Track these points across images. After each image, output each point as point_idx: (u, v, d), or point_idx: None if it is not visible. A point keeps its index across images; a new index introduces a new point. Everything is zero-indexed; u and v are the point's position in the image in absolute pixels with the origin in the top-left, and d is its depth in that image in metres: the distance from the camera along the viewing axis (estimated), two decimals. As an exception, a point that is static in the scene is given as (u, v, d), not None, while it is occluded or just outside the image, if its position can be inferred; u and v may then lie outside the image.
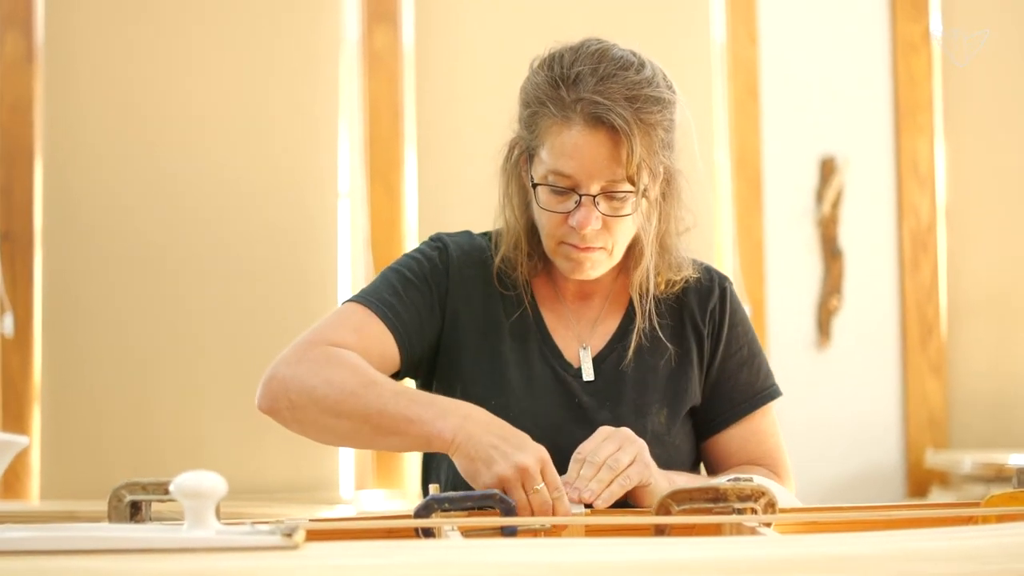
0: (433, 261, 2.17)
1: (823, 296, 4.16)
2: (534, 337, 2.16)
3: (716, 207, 4.15)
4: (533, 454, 1.79)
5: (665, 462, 2.03)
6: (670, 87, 2.07)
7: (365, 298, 2.11)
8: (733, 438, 2.20)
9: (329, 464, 3.93)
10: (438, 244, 2.20)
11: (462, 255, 2.19)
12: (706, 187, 4.13)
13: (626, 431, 1.90)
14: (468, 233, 2.25)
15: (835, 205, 4.17)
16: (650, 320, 2.15)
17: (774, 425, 2.24)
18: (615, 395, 2.13)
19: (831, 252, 4.17)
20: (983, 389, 4.24)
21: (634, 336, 2.14)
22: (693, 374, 2.17)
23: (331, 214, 3.99)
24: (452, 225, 4.02)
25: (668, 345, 2.16)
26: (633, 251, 2.14)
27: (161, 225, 3.93)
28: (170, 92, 3.97)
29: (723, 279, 2.24)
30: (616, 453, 1.85)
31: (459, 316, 2.15)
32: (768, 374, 2.24)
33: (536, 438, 1.86)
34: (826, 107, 4.21)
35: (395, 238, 4.03)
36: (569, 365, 2.15)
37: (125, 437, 3.87)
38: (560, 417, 2.10)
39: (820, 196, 4.17)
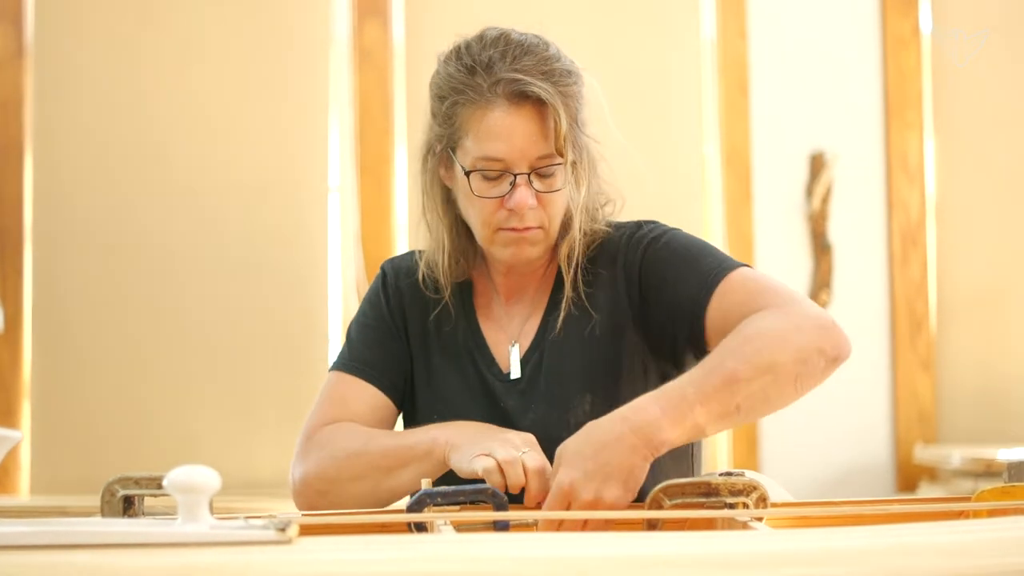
0: (379, 296, 2.20)
1: (812, 291, 4.17)
2: (467, 345, 2.14)
3: (706, 202, 4.15)
4: (516, 434, 1.87)
5: None
6: (574, 62, 2.06)
7: (342, 363, 2.17)
8: (713, 321, 1.98)
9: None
10: (380, 275, 2.23)
11: (402, 277, 2.20)
12: (695, 182, 4.13)
13: (601, 454, 1.77)
14: (411, 253, 2.25)
15: (825, 200, 4.18)
16: (568, 301, 2.08)
17: (750, 282, 1.98)
18: (538, 393, 2.08)
19: (820, 247, 4.17)
20: (972, 384, 4.25)
21: (563, 306, 2.08)
22: (628, 334, 2.07)
23: (321, 208, 3.99)
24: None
25: (593, 314, 2.07)
26: (563, 231, 2.09)
27: (151, 220, 3.92)
28: (160, 88, 3.96)
29: (636, 227, 2.13)
30: (597, 499, 1.74)
31: (413, 335, 2.18)
32: (717, 261, 2.02)
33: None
34: (816, 103, 4.21)
35: (385, 232, 4.03)
36: (498, 368, 2.12)
37: (115, 432, 3.87)
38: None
39: (810, 191, 4.18)
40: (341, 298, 3.99)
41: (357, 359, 2.15)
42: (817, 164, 4.18)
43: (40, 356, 3.90)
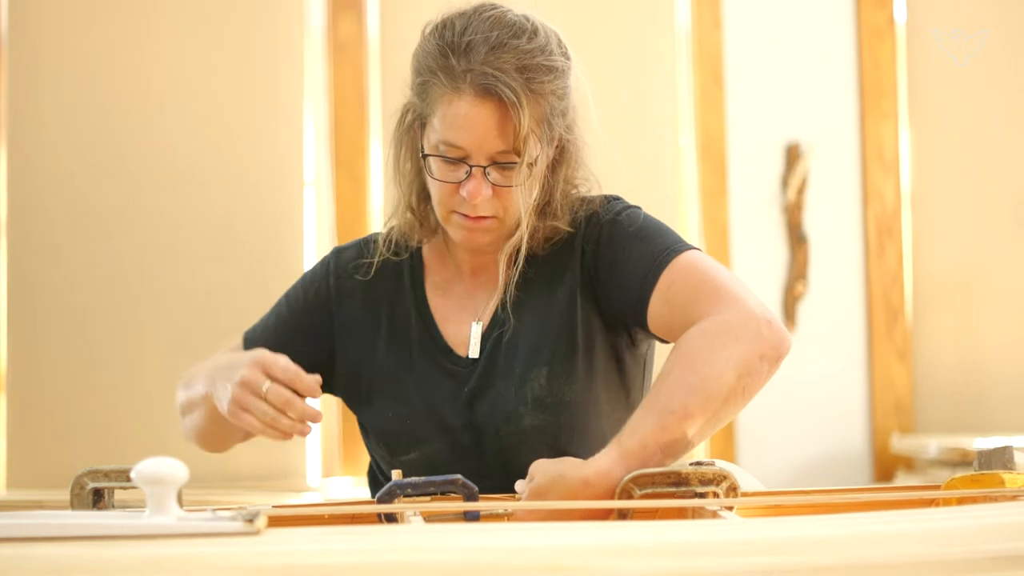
0: (316, 283, 2.24)
1: (789, 282, 4.17)
2: (419, 327, 2.14)
3: (681, 194, 4.15)
4: (248, 365, 1.86)
5: (560, 427, 2.02)
6: (564, 53, 2.04)
7: (249, 334, 2.29)
8: (656, 308, 1.97)
9: (296, 452, 3.92)
10: (325, 261, 2.25)
11: (349, 264, 2.21)
12: (670, 173, 4.13)
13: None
14: (365, 238, 2.26)
15: (800, 191, 4.18)
16: (526, 277, 2.07)
17: (694, 272, 1.97)
18: (497, 370, 2.07)
19: (796, 238, 4.18)
20: (949, 374, 4.26)
21: (492, 303, 2.10)
22: (583, 310, 2.06)
23: (297, 202, 3.98)
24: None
25: (552, 290, 2.08)
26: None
27: (126, 214, 3.91)
28: (135, 81, 3.95)
29: (598, 203, 2.12)
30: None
31: (351, 330, 2.18)
32: (669, 243, 2.02)
33: (439, 437, 2.03)
34: (791, 94, 4.22)
35: (360, 226, 4.03)
36: (449, 347, 2.11)
37: (91, 426, 3.86)
38: (453, 410, 2.08)
39: (785, 182, 4.18)
40: (317, 291, 3.98)
41: (258, 338, 2.24)
42: (792, 155, 4.18)
43: (15, 351, 3.89)
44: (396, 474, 1.72)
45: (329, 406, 3.99)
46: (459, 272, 2.16)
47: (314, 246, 3.99)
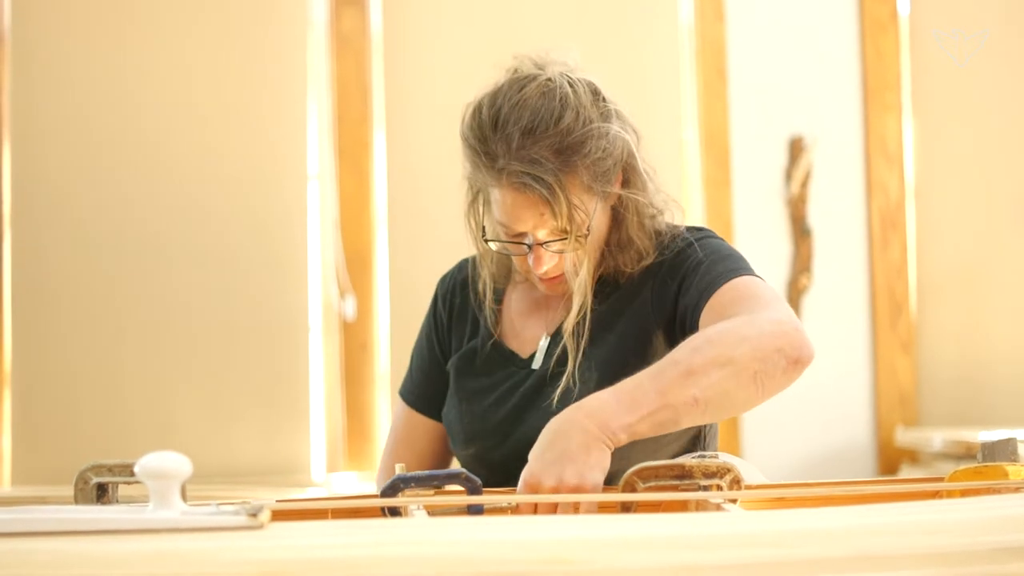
0: (431, 317, 2.37)
1: (793, 275, 4.17)
2: (487, 336, 2.26)
3: (685, 187, 4.15)
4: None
5: None
6: (600, 108, 2.09)
7: (406, 393, 2.38)
8: (704, 319, 2.02)
9: (300, 447, 3.92)
10: (433, 296, 2.39)
11: (446, 290, 2.36)
12: (674, 167, 4.13)
13: (558, 441, 1.76)
14: (458, 266, 2.39)
15: (804, 184, 4.18)
16: (608, 296, 2.17)
17: (740, 289, 2.03)
18: (556, 378, 2.13)
19: (800, 231, 4.18)
20: (953, 367, 4.26)
21: (563, 321, 2.15)
22: (654, 339, 2.13)
23: (300, 196, 3.98)
24: (419, 208, 4.02)
25: (624, 316, 2.15)
26: (610, 239, 2.17)
27: (131, 209, 3.91)
28: (138, 74, 3.95)
29: (679, 234, 2.19)
30: (560, 483, 1.72)
31: (452, 349, 2.33)
32: (726, 268, 2.08)
33: (494, 436, 2.15)
34: (794, 86, 4.21)
35: (364, 220, 4.03)
36: (518, 357, 2.22)
37: (97, 422, 3.86)
38: (509, 412, 2.18)
39: (789, 175, 4.18)
40: (321, 285, 3.98)
41: (415, 391, 2.36)
42: (796, 148, 4.18)
43: (20, 346, 3.89)
44: (400, 468, 1.72)
45: (334, 401, 3.99)
46: (535, 289, 2.26)
47: (318, 240, 3.99)
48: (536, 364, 2.18)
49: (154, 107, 3.94)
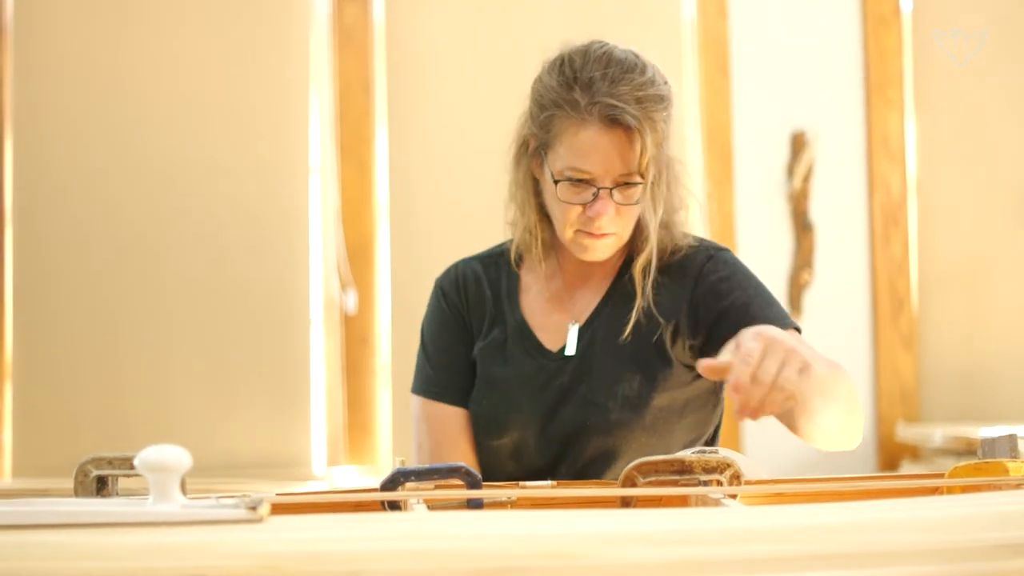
0: (442, 311, 2.38)
1: (794, 270, 4.17)
2: (514, 328, 2.30)
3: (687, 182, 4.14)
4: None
5: (642, 425, 2.17)
6: (666, 83, 2.22)
7: (424, 388, 2.35)
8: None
9: (301, 441, 3.93)
10: (439, 292, 2.40)
11: (454, 289, 2.38)
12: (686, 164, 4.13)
13: (781, 339, 1.71)
14: (455, 265, 2.41)
15: (806, 179, 4.18)
16: (646, 300, 2.23)
17: (799, 343, 2.05)
18: (590, 367, 2.22)
19: (802, 226, 4.17)
20: (954, 362, 4.25)
21: (634, 314, 2.21)
22: (680, 343, 2.21)
23: (302, 190, 3.98)
24: (421, 201, 4.02)
25: (656, 315, 2.22)
26: (636, 232, 2.25)
27: (132, 201, 3.91)
28: (141, 68, 3.95)
29: (715, 247, 2.30)
30: (785, 371, 1.67)
31: (473, 332, 2.36)
32: (780, 315, 2.16)
33: (528, 425, 2.20)
34: (797, 82, 4.21)
35: (366, 213, 4.03)
36: (546, 348, 2.26)
37: (98, 415, 3.86)
38: (543, 401, 2.23)
39: (791, 171, 4.18)
40: (322, 279, 3.98)
41: (441, 383, 2.33)
42: (798, 143, 4.18)
43: (21, 338, 3.89)
44: (399, 462, 1.72)
45: (335, 394, 3.99)
46: (556, 278, 2.32)
47: (319, 233, 3.99)
48: (570, 351, 2.24)
49: (156, 101, 3.94)
